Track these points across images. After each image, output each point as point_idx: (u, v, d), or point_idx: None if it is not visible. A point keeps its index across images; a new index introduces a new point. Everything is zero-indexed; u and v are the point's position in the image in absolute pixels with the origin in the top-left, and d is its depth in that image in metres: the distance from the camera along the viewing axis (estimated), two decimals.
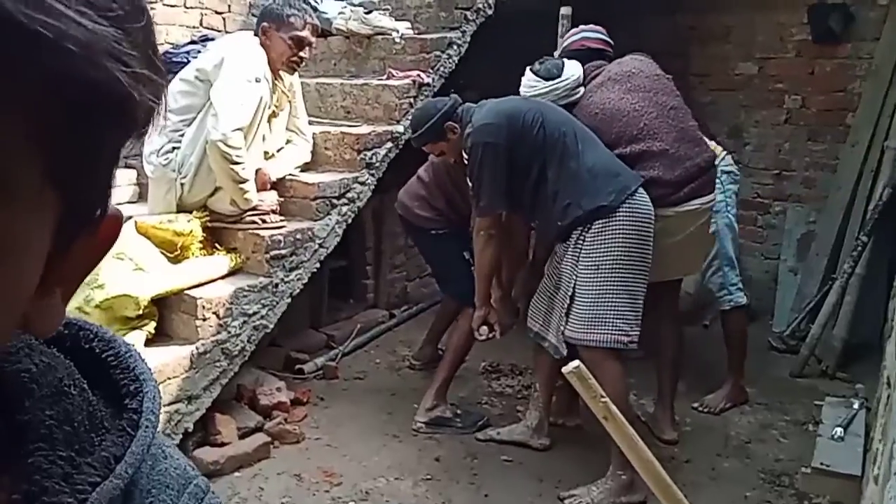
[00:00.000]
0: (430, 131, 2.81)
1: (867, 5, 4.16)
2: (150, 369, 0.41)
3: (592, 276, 2.49)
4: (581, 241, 2.54)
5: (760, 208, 4.66)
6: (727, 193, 3.23)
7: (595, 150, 2.59)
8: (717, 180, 3.11)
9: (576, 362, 1.51)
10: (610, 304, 2.47)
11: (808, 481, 2.59)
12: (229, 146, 2.67)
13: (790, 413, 3.24)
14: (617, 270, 2.48)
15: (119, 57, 0.28)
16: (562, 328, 2.54)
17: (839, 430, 2.75)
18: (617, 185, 2.50)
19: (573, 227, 2.55)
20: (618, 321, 2.46)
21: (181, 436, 2.55)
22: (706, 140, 2.91)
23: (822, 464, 2.58)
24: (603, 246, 2.49)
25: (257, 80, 2.80)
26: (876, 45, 4.07)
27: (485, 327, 2.81)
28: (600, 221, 2.49)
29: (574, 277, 2.53)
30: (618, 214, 2.48)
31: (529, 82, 2.84)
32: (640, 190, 2.52)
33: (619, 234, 2.48)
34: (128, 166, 3.46)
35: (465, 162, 2.64)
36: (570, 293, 2.52)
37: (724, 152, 3.31)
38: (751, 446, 2.98)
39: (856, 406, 2.95)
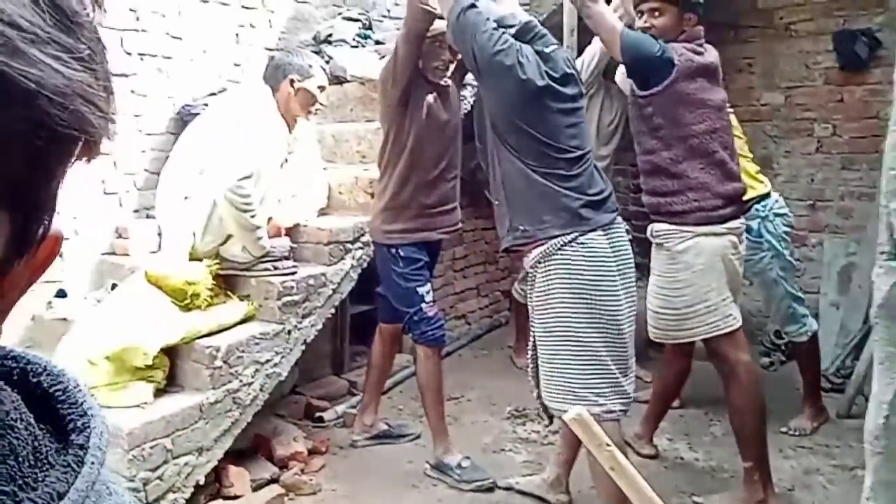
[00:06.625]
0: None
1: (894, 30, 4.05)
2: (98, 405, 0.40)
3: (540, 331, 2.12)
4: (533, 276, 2.13)
5: (796, 240, 4.45)
6: (781, 238, 3.14)
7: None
8: (771, 223, 3.10)
9: (578, 408, 1.42)
10: (567, 367, 2.05)
11: None
12: (239, 194, 2.68)
13: (837, 457, 3.03)
14: (562, 323, 2.04)
15: (91, 100, 0.30)
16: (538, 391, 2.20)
17: None
18: (568, 216, 2.07)
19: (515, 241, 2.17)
20: (583, 391, 2.02)
21: (192, 489, 2.49)
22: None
23: None
24: (542, 290, 2.09)
25: (269, 129, 2.82)
26: None
27: None
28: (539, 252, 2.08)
29: (534, 328, 2.16)
30: (560, 252, 2.07)
31: None
32: (597, 232, 2.09)
33: (556, 276, 2.04)
34: (149, 217, 3.50)
35: None
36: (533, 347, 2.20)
37: (777, 193, 3.24)
38: (794, 494, 2.78)
39: None
